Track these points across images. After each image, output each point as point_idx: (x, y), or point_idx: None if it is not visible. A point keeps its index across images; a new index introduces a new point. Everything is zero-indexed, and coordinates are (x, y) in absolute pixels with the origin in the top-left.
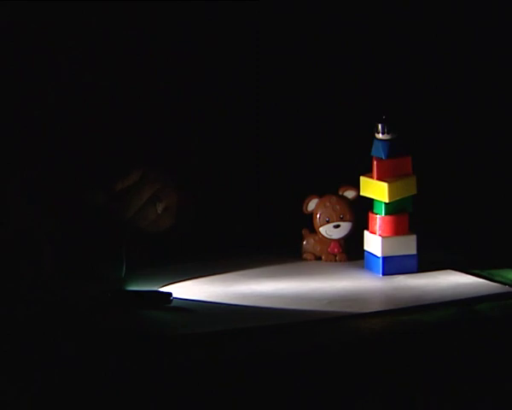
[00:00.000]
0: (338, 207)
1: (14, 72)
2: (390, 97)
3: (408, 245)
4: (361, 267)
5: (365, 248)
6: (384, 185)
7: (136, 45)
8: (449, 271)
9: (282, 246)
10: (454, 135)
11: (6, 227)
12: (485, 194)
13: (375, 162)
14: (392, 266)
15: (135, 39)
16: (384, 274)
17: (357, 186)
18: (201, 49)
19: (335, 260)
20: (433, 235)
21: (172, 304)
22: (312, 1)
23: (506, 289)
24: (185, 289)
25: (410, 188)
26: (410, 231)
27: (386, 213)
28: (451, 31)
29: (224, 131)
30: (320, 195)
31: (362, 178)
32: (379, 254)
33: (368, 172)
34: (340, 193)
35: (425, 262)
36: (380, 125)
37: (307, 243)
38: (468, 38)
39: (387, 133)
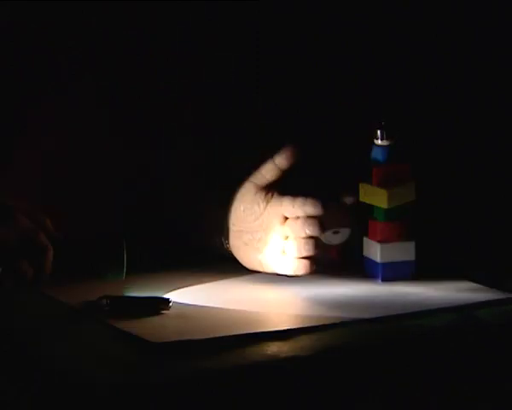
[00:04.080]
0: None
1: (14, 72)
2: (389, 103)
3: (407, 251)
4: (360, 273)
5: (364, 254)
6: (383, 191)
7: (136, 45)
8: (448, 276)
9: None
10: (453, 137)
11: (6, 227)
12: (485, 199)
13: (374, 168)
14: (391, 271)
15: (135, 39)
16: (383, 280)
17: (356, 192)
18: (201, 49)
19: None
20: (432, 240)
21: (171, 310)
22: (312, 1)
23: (506, 295)
24: (184, 295)
25: (409, 194)
26: (409, 236)
27: (385, 220)
28: (451, 32)
29: (224, 132)
30: None
31: (361, 185)
32: (378, 259)
33: (367, 179)
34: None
35: (424, 268)
36: (379, 132)
37: None
38: (467, 40)
39: (386, 139)
